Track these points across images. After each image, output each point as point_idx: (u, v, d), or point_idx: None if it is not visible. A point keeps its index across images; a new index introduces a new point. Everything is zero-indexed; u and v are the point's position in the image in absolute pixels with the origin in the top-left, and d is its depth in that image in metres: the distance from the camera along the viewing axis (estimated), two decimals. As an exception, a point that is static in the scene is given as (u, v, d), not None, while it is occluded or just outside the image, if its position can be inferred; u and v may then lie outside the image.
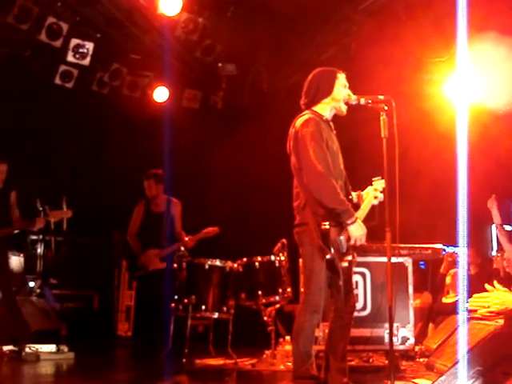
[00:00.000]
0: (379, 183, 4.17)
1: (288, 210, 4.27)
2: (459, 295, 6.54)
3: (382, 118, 4.01)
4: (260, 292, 5.64)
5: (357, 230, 3.86)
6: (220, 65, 8.17)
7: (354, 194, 4.23)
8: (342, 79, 4.18)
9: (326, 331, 4.27)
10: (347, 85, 4.20)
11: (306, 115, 4.07)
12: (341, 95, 4.13)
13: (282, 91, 8.65)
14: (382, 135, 3.99)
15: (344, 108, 4.16)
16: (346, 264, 3.89)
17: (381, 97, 4.08)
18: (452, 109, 7.07)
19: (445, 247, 6.53)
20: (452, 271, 7.03)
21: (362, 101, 4.09)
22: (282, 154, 4.33)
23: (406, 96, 7.26)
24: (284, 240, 5.73)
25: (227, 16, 7.11)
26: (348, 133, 5.07)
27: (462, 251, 6.69)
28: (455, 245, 6.62)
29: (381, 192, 4.14)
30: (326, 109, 4.16)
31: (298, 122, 4.06)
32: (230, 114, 8.56)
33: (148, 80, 8.53)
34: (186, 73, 8.33)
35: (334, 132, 4.20)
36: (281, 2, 7.01)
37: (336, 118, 4.29)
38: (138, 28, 7.33)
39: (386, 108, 4.02)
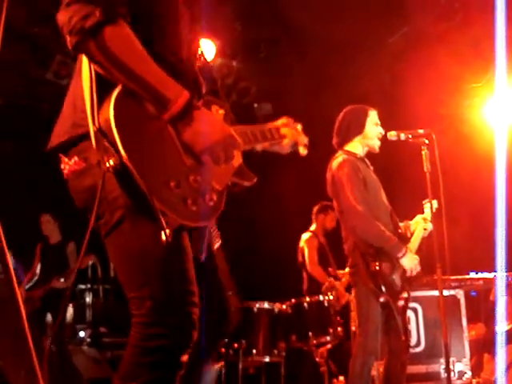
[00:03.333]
0: (431, 206, 4.09)
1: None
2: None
3: (423, 153, 3.99)
4: (310, 333, 5.56)
5: (410, 261, 3.85)
6: (256, 105, 8.24)
7: (401, 225, 4.20)
8: (373, 116, 4.18)
9: (381, 370, 4.20)
10: (379, 122, 4.20)
11: (339, 157, 4.08)
12: (372, 133, 4.13)
13: (321, 129, 8.64)
14: (425, 169, 3.97)
15: (377, 145, 4.16)
16: (401, 302, 3.85)
17: (420, 131, 4.06)
18: (491, 132, 7.00)
19: (494, 274, 6.36)
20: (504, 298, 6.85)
21: (402, 136, 4.07)
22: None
23: (445, 120, 7.21)
24: (332, 279, 5.68)
25: (260, 57, 7.19)
26: (389, 164, 5.04)
27: (501, 276, 6.53)
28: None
29: (434, 212, 4.06)
30: (358, 147, 4.16)
31: (334, 164, 4.07)
32: (270, 154, 8.56)
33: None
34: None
35: (371, 168, 4.18)
36: (312, 40, 7.06)
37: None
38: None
39: (426, 142, 4.00)
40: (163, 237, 1.66)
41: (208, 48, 6.67)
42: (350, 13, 6.53)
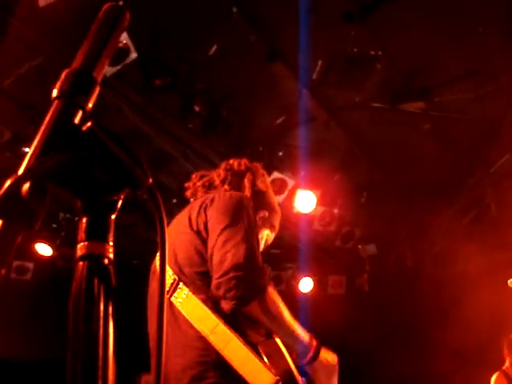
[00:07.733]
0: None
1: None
2: None
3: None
4: None
5: None
6: (360, 247, 8.17)
7: None
8: None
9: None
10: None
11: None
12: None
13: (428, 262, 8.43)
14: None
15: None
16: None
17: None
18: None
19: None
20: None
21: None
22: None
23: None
24: None
25: (361, 202, 7.20)
26: None
27: None
28: None
29: None
30: None
31: None
32: (378, 295, 8.37)
33: (291, 272, 8.62)
34: (328, 260, 8.37)
35: None
36: (411, 180, 7.06)
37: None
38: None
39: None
40: None
41: (309, 198, 6.75)
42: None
